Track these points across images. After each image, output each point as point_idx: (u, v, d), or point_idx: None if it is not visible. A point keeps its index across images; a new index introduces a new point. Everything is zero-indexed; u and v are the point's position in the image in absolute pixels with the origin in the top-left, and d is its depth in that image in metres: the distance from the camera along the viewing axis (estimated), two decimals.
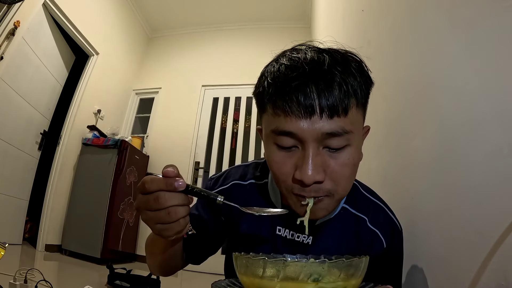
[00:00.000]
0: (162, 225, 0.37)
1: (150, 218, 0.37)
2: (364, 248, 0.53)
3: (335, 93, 0.38)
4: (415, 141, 0.64)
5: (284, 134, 0.40)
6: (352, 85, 0.39)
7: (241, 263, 0.36)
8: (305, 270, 0.32)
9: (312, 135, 0.39)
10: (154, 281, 1.83)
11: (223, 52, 3.79)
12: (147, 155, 3.37)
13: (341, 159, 0.41)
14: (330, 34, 2.03)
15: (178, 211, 0.36)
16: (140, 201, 0.38)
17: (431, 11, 0.60)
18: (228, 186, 0.59)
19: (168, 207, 0.36)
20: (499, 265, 0.35)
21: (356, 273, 0.34)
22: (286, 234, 0.54)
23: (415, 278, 0.58)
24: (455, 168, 0.47)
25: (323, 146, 0.40)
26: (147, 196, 0.36)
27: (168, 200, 0.36)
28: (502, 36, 0.37)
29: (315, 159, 0.39)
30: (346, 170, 0.41)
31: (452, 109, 0.49)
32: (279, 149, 0.42)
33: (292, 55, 0.42)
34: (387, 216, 0.55)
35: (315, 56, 0.41)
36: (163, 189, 0.36)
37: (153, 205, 0.36)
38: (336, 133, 0.39)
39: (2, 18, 2.11)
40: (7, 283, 1.15)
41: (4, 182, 2.29)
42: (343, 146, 0.40)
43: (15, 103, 2.34)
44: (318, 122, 0.38)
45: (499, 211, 0.36)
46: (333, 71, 0.39)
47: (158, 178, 0.36)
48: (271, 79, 0.42)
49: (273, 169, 0.44)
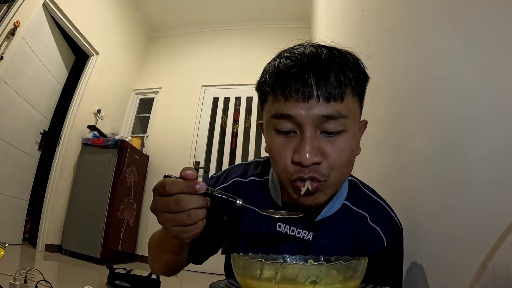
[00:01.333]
0: (181, 227, 0.37)
1: (169, 220, 0.37)
2: (365, 245, 0.53)
3: (332, 80, 0.41)
4: (414, 140, 0.64)
5: (283, 118, 0.43)
6: (348, 76, 0.42)
7: (239, 265, 0.36)
8: (302, 272, 0.32)
9: (309, 118, 0.41)
10: (154, 281, 1.83)
11: (223, 52, 3.79)
12: (147, 155, 3.37)
13: (338, 144, 0.43)
14: (330, 34, 2.04)
15: (198, 214, 0.36)
16: (158, 203, 0.37)
17: (431, 11, 0.60)
18: (229, 184, 0.59)
19: (189, 210, 0.36)
20: (499, 265, 0.35)
21: (355, 275, 0.34)
22: (286, 230, 0.54)
23: (415, 278, 0.58)
24: (455, 167, 0.47)
25: (321, 130, 0.42)
26: (167, 198, 0.36)
27: (189, 202, 0.36)
28: (502, 36, 0.37)
29: (313, 142, 0.41)
30: (343, 155, 0.43)
31: (452, 108, 0.49)
32: (278, 134, 0.44)
33: (292, 50, 0.46)
34: (387, 214, 0.56)
35: (313, 50, 0.44)
36: (184, 191, 0.36)
37: (173, 207, 0.36)
38: (333, 116, 0.41)
39: (2, 18, 2.11)
40: (7, 283, 1.15)
41: (4, 182, 2.29)
42: (340, 131, 0.42)
43: (15, 103, 2.34)
44: (315, 105, 0.41)
45: (499, 211, 0.36)
46: (330, 62, 0.42)
47: (179, 181, 0.36)
48: (272, 70, 0.45)
49: (273, 155, 0.45)
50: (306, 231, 0.53)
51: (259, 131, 3.64)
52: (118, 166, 2.76)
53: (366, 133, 0.59)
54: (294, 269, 0.32)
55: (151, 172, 3.34)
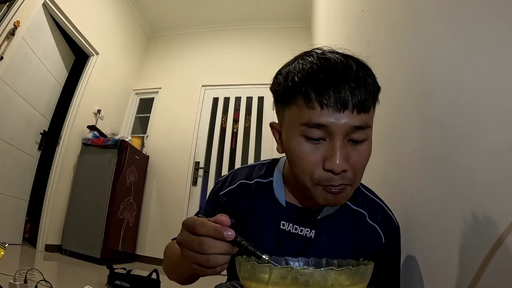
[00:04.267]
0: (198, 267, 0.37)
1: (189, 256, 0.37)
2: (363, 242, 0.56)
3: (363, 91, 0.43)
4: (415, 141, 0.64)
5: (317, 127, 0.43)
6: (373, 86, 0.45)
7: (245, 269, 0.36)
8: (312, 278, 0.31)
9: (342, 128, 0.43)
10: (154, 281, 1.83)
11: (223, 52, 3.78)
12: (147, 155, 3.37)
13: (361, 151, 0.45)
14: (330, 34, 2.03)
15: (218, 260, 0.37)
16: (184, 238, 0.38)
17: (431, 11, 0.60)
18: (236, 186, 0.61)
19: (209, 254, 0.36)
20: (499, 265, 0.35)
21: (362, 280, 0.34)
22: (290, 228, 0.56)
23: (414, 278, 0.58)
24: (455, 168, 0.47)
25: (348, 139, 0.44)
26: (193, 237, 0.37)
27: (212, 248, 0.36)
28: (502, 36, 0.37)
29: (342, 150, 0.44)
30: (364, 160, 0.46)
31: (452, 109, 0.49)
32: (307, 141, 0.45)
33: (319, 56, 0.46)
34: (385, 213, 0.58)
35: (343, 59, 0.45)
36: (211, 235, 0.36)
37: (195, 247, 0.36)
38: (361, 127, 0.44)
39: (2, 18, 2.11)
40: (7, 283, 1.15)
41: (4, 182, 2.29)
42: (363, 139, 0.45)
43: (15, 103, 2.34)
44: (349, 116, 0.43)
45: (499, 211, 0.36)
46: (360, 74, 0.44)
47: (208, 224, 0.37)
48: (302, 75, 0.45)
49: (300, 161, 0.46)
50: (308, 228, 0.55)
51: (259, 131, 3.61)
52: (118, 166, 2.76)
53: None
54: (304, 274, 0.32)
55: (151, 172, 3.34)
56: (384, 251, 0.56)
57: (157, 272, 1.86)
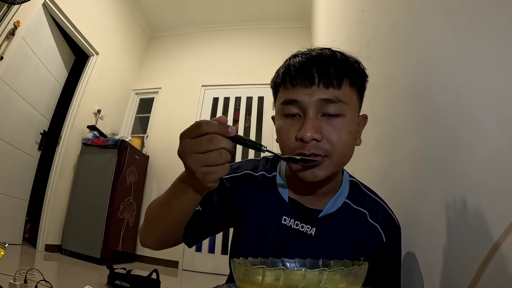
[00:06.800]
0: (209, 168, 0.39)
1: (198, 160, 0.38)
2: (364, 242, 0.56)
3: (331, 70, 0.49)
4: (414, 140, 0.64)
5: (290, 103, 0.50)
6: (345, 69, 0.50)
7: (240, 270, 0.36)
8: (304, 279, 0.31)
9: (311, 102, 0.48)
10: (154, 281, 1.83)
11: (223, 52, 3.79)
12: (147, 155, 3.37)
13: (336, 124, 0.49)
14: (330, 34, 2.03)
15: (227, 154, 0.39)
16: (188, 145, 0.39)
17: (431, 11, 0.60)
18: (241, 175, 0.62)
19: (220, 148, 0.38)
20: (499, 265, 0.35)
21: (356, 280, 0.34)
22: (291, 224, 0.56)
23: (414, 278, 0.58)
24: (455, 167, 0.47)
25: (321, 113, 0.49)
26: (199, 138, 0.38)
27: (221, 142, 0.38)
28: (502, 36, 0.37)
29: (314, 122, 0.48)
30: (342, 135, 0.49)
31: (452, 108, 0.49)
32: (286, 118, 0.51)
33: (302, 51, 0.54)
34: (386, 213, 0.58)
35: (319, 50, 0.52)
36: (217, 132, 0.38)
37: (205, 146, 0.38)
38: (331, 100, 0.48)
39: (2, 18, 2.11)
40: (7, 283, 1.15)
41: (4, 182, 2.29)
42: (338, 114, 0.49)
43: (15, 103, 2.34)
44: (316, 91, 0.48)
45: (499, 211, 0.36)
46: (332, 58, 0.50)
47: (213, 122, 0.39)
48: (283, 68, 0.53)
49: (280, 136, 0.52)
50: (309, 226, 0.55)
51: (259, 131, 3.61)
52: (118, 166, 2.76)
53: (366, 133, 0.59)
54: (297, 275, 0.32)
55: (151, 172, 3.34)
56: (385, 250, 0.56)
57: (157, 272, 1.86)
